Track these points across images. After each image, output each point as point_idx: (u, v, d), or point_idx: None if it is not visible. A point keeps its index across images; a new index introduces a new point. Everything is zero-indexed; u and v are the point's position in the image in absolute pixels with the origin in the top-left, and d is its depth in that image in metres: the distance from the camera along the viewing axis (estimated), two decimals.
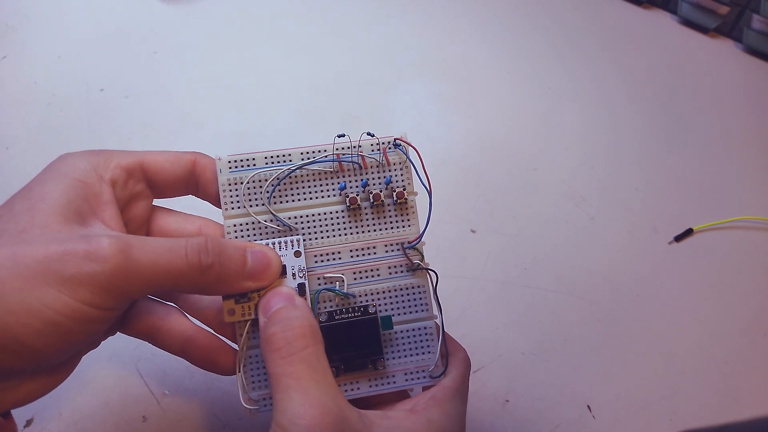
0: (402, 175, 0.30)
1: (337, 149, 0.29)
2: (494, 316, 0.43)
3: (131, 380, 0.37)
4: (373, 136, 0.30)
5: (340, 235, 0.29)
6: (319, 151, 0.29)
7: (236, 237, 0.28)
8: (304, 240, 0.29)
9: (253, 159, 0.29)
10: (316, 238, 0.29)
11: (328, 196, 0.30)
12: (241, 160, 0.29)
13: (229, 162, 0.29)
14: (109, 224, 0.26)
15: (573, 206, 0.49)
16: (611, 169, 0.52)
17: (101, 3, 0.54)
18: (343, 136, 0.29)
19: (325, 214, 0.29)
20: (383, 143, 0.30)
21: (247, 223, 0.29)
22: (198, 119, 0.48)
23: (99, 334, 0.25)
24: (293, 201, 0.29)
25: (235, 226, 0.28)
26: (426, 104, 0.53)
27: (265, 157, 0.29)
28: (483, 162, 0.50)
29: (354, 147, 0.29)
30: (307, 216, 0.29)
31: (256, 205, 0.29)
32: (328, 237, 0.29)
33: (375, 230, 0.30)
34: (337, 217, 0.29)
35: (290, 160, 0.29)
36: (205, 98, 0.50)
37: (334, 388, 0.24)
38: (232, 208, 0.29)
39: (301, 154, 0.29)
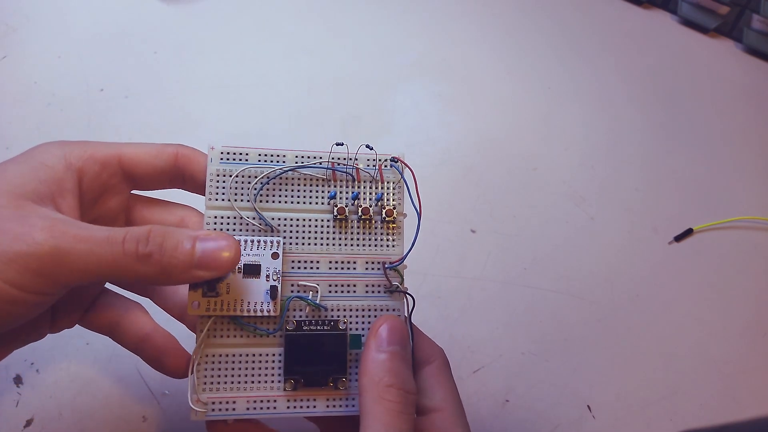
0: (394, 194, 0.30)
1: (333, 158, 0.29)
2: (494, 316, 0.43)
3: (131, 380, 0.37)
4: (372, 149, 0.29)
5: (321, 244, 0.29)
6: (315, 157, 0.29)
7: (215, 228, 0.28)
8: (284, 243, 0.28)
9: (247, 154, 0.28)
10: (297, 244, 0.28)
11: (317, 204, 0.29)
12: (234, 153, 0.28)
13: (222, 153, 0.28)
14: (65, 212, 0.25)
15: (573, 206, 0.49)
16: (611, 169, 0.52)
17: (101, 3, 0.54)
18: (342, 144, 0.28)
19: (310, 220, 0.29)
20: (380, 160, 0.29)
21: (228, 216, 0.28)
22: (198, 119, 0.48)
23: (26, 318, 0.24)
24: (280, 202, 0.29)
25: (216, 217, 0.28)
26: (426, 104, 0.53)
27: (259, 154, 0.29)
28: (483, 162, 0.50)
29: (350, 158, 0.29)
30: (292, 219, 0.28)
31: (242, 201, 0.28)
32: (309, 244, 0.28)
33: (358, 245, 0.29)
34: (322, 226, 0.29)
35: (284, 161, 0.29)
36: (205, 98, 0.50)
37: None
38: (216, 199, 0.28)
39: (296, 156, 0.29)
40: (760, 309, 0.46)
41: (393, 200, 0.30)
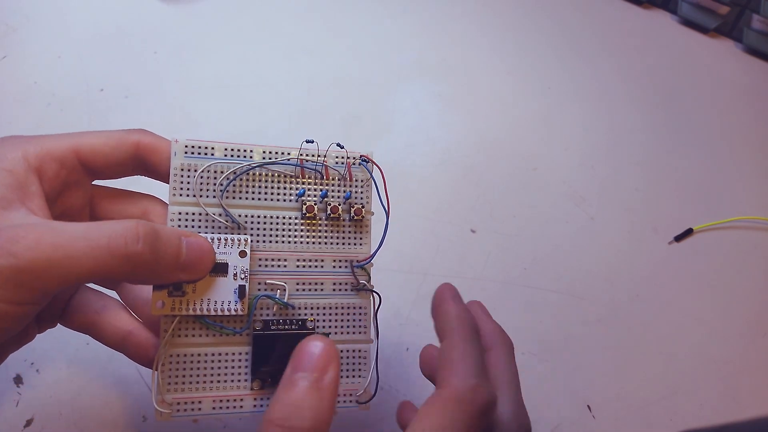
0: (363, 192, 0.30)
1: (302, 154, 0.28)
2: (494, 316, 0.43)
3: (131, 380, 0.37)
4: (342, 148, 0.29)
5: (289, 242, 0.28)
6: (283, 153, 0.28)
7: (178, 226, 0.27)
8: (251, 241, 0.27)
9: (212, 148, 0.28)
10: (264, 241, 0.28)
11: (285, 201, 0.28)
12: (199, 147, 0.28)
13: (186, 146, 0.27)
14: (36, 213, 0.24)
15: (573, 206, 0.49)
16: (611, 169, 0.52)
17: (101, 3, 0.54)
18: (312, 142, 0.28)
19: (278, 217, 0.28)
20: (349, 158, 0.29)
21: (193, 213, 0.27)
22: (198, 119, 0.48)
23: (16, 330, 0.24)
24: (246, 199, 0.28)
25: (180, 214, 0.27)
26: (426, 104, 0.53)
27: (225, 149, 0.28)
28: (483, 162, 0.50)
29: (319, 155, 0.29)
30: (259, 216, 0.28)
31: (207, 197, 0.27)
32: (277, 242, 0.28)
33: (326, 243, 0.29)
34: (291, 224, 0.28)
35: (251, 157, 0.28)
36: (205, 98, 0.50)
37: None
38: (180, 195, 0.27)
39: (264, 152, 0.28)
40: (760, 309, 0.46)
41: (362, 199, 0.29)
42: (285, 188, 0.29)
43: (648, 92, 0.58)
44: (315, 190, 0.29)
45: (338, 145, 0.29)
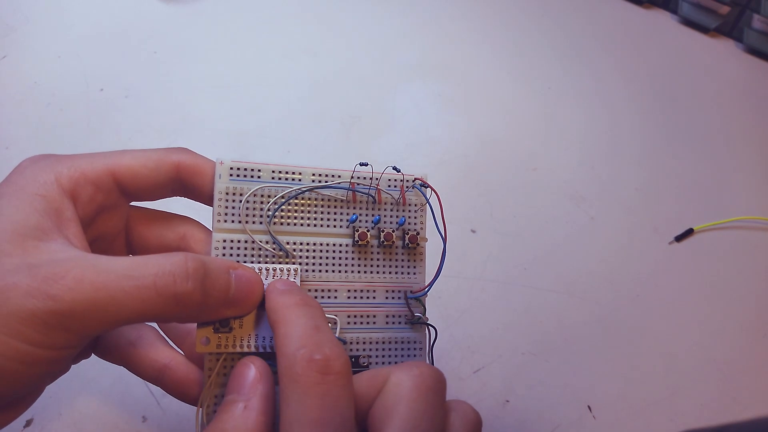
0: (417, 218, 0.28)
1: (353, 177, 0.27)
2: (494, 316, 0.43)
3: (131, 380, 0.36)
4: (399, 171, 0.27)
5: (341, 272, 0.26)
6: (333, 176, 0.26)
7: (223, 255, 0.25)
8: (301, 270, 0.25)
9: (259, 170, 0.26)
10: (314, 271, 0.26)
11: (335, 227, 0.26)
12: (245, 169, 0.25)
13: (231, 168, 0.25)
14: (73, 242, 0.23)
15: (573, 206, 0.49)
16: (611, 169, 0.52)
17: (101, 3, 0.54)
18: (366, 165, 0.26)
19: (328, 245, 0.26)
20: (405, 180, 0.27)
21: (239, 241, 0.25)
22: (198, 119, 0.48)
23: (54, 373, 0.22)
24: (295, 225, 0.26)
25: (224, 241, 0.25)
26: (426, 104, 0.53)
27: (273, 171, 0.26)
28: (483, 162, 0.50)
29: (373, 179, 0.27)
30: (309, 244, 0.26)
31: (253, 223, 0.25)
32: (327, 271, 0.26)
33: (379, 272, 0.27)
34: (341, 251, 0.26)
35: (300, 180, 0.26)
36: (205, 98, 0.50)
37: None
38: (225, 221, 0.25)
39: (313, 175, 0.26)
40: (760, 309, 0.46)
41: (416, 225, 0.28)
42: (335, 214, 0.27)
43: (648, 92, 0.58)
44: (367, 215, 0.27)
45: (395, 168, 0.27)
